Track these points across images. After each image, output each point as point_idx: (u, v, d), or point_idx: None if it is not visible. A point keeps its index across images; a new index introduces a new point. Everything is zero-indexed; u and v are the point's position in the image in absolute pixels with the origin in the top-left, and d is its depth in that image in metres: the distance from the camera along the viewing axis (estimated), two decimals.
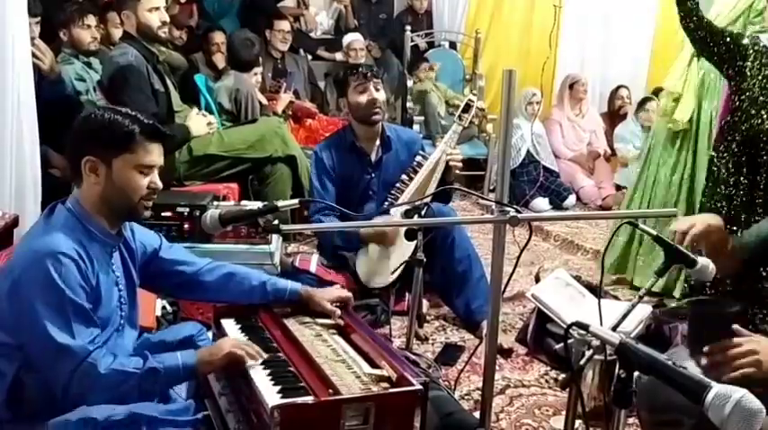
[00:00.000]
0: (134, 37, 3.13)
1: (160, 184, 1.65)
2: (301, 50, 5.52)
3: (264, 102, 3.98)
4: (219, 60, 4.44)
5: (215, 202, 2.73)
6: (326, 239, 2.88)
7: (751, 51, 2.45)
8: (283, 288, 1.90)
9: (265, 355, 1.61)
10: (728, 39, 2.50)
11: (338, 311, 1.85)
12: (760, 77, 2.42)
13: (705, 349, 1.40)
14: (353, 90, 2.83)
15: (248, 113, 3.70)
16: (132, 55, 3.06)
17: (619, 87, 5.80)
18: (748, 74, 2.45)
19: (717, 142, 2.63)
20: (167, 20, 3.20)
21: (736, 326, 1.42)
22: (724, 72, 2.58)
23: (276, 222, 1.63)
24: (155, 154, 1.62)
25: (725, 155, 2.51)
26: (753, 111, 2.44)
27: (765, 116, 2.43)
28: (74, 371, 1.45)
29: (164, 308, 2.38)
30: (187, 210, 2.60)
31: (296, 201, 1.76)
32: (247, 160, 3.39)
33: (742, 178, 2.48)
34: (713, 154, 2.62)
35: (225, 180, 3.33)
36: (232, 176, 3.38)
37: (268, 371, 1.56)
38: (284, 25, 4.89)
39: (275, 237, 2.77)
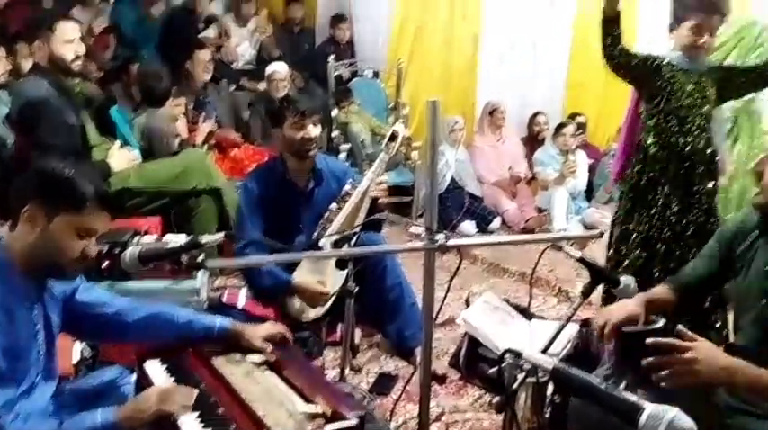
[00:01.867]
0: (46, 69, 3.00)
1: (93, 253, 1.57)
2: (224, 81, 5.45)
3: (184, 135, 3.86)
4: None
5: (136, 238, 2.62)
6: (255, 277, 2.79)
7: (669, 74, 2.66)
8: (211, 325, 1.83)
9: (195, 394, 1.54)
10: (649, 62, 2.67)
11: (270, 347, 1.80)
12: (680, 97, 2.65)
13: (645, 362, 1.41)
14: (290, 125, 2.79)
15: (160, 151, 3.57)
16: (43, 88, 2.93)
17: (537, 113, 6.01)
18: (668, 96, 2.67)
19: (632, 165, 2.78)
20: (82, 52, 3.08)
21: (681, 329, 1.45)
22: (645, 94, 2.76)
23: (202, 257, 1.59)
24: (99, 221, 1.56)
25: (649, 176, 2.67)
26: (677, 131, 2.66)
27: (691, 134, 2.66)
28: None
29: (82, 353, 2.25)
30: (106, 247, 2.48)
31: (221, 235, 1.71)
32: (170, 193, 3.29)
33: (669, 197, 2.64)
34: (628, 176, 2.76)
35: (146, 214, 3.21)
36: (154, 210, 3.26)
37: (197, 414, 1.49)
38: (205, 55, 4.81)
39: (201, 272, 2.68)
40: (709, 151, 2.74)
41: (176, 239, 2.56)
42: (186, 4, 5.47)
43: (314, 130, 2.81)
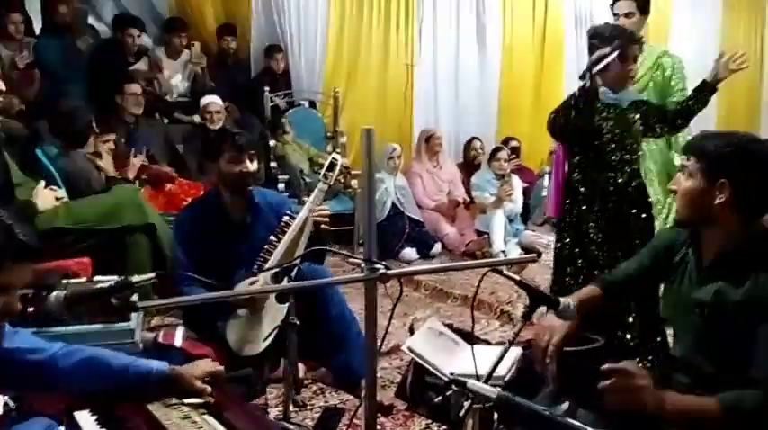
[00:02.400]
0: None
1: (17, 310, 1.43)
2: (156, 114, 5.33)
3: (111, 172, 3.72)
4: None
5: (64, 281, 2.50)
6: (193, 310, 2.71)
7: (602, 112, 2.74)
8: (148, 370, 1.74)
9: None
10: (573, 109, 2.72)
11: (208, 388, 1.73)
12: (604, 133, 2.73)
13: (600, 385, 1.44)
14: (227, 160, 2.73)
15: (85, 192, 3.44)
16: None
17: (472, 139, 6.14)
18: (592, 133, 2.74)
19: (564, 204, 2.87)
20: (4, 89, 2.96)
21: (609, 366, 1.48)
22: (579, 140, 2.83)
23: (135, 298, 1.52)
24: (18, 275, 1.40)
25: (580, 214, 2.75)
26: (603, 166, 2.75)
27: (617, 169, 2.74)
28: None
29: (6, 405, 2.11)
30: (32, 291, 2.35)
31: (152, 275, 1.64)
32: (100, 232, 3.18)
33: (600, 233, 2.72)
34: (563, 216, 2.85)
35: (75, 255, 3.07)
36: (84, 250, 3.13)
37: None
38: (135, 89, 4.72)
39: (135, 313, 2.58)
40: (634, 184, 2.80)
41: (107, 280, 2.45)
42: (115, 38, 5.35)
43: (251, 165, 2.76)
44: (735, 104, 7.55)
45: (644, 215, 2.81)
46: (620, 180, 2.77)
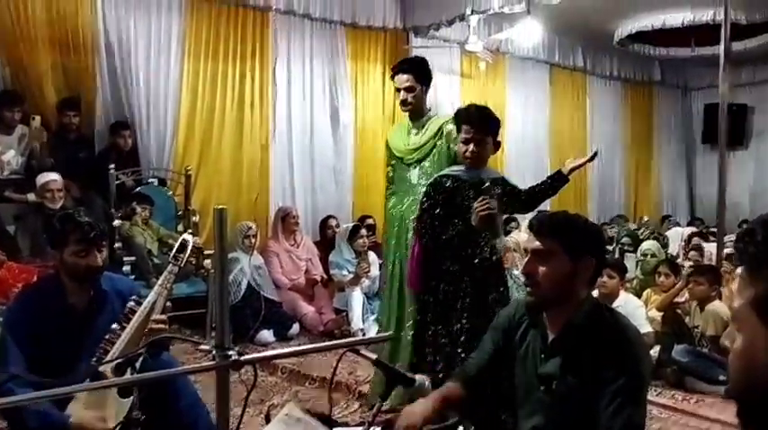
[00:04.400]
0: None
1: None
2: None
3: None
4: None
5: None
6: (22, 420, 2.40)
7: (453, 190, 2.94)
8: None
9: None
10: (441, 202, 2.92)
11: None
12: (459, 207, 2.88)
13: None
14: (73, 251, 2.50)
15: None
16: None
17: (328, 217, 6.20)
18: (455, 209, 2.90)
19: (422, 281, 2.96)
20: None
21: None
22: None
23: None
24: None
25: (434, 293, 2.85)
26: (460, 240, 2.91)
27: (480, 242, 2.92)
28: None
29: None
30: None
31: None
32: None
33: (454, 312, 2.81)
34: (420, 293, 2.94)
35: None
36: None
37: None
38: None
39: None
40: (494, 259, 2.94)
41: None
42: None
43: (100, 257, 2.57)
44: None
45: (501, 289, 2.95)
46: (482, 254, 2.89)
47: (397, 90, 3.51)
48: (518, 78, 8.32)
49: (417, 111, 3.52)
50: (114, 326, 2.51)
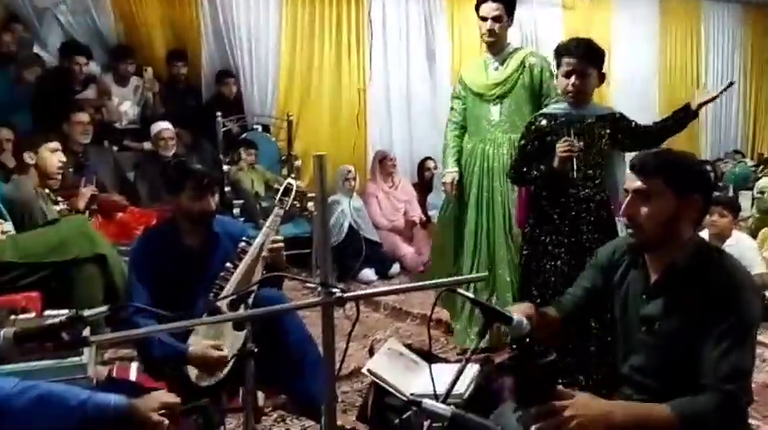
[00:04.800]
0: None
1: None
2: (105, 142, 5.25)
3: (56, 207, 3.63)
4: (8, 159, 4.08)
5: (12, 317, 2.43)
6: (148, 349, 2.65)
7: (550, 130, 2.79)
8: (106, 404, 1.69)
9: None
10: (536, 142, 2.81)
11: (165, 421, 1.70)
12: (558, 145, 2.73)
13: (532, 411, 1.47)
14: (189, 197, 2.68)
15: (26, 222, 3.34)
16: None
17: (425, 159, 6.21)
18: (553, 149, 2.75)
19: (529, 216, 2.88)
20: None
21: (559, 388, 1.51)
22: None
23: (86, 332, 1.49)
24: None
25: (543, 227, 2.77)
26: (564, 181, 2.74)
27: (578, 184, 2.76)
28: None
29: None
30: None
31: (104, 308, 1.61)
32: (49, 265, 3.08)
33: (563, 248, 2.74)
34: (528, 227, 2.87)
35: (23, 289, 2.98)
36: (32, 284, 3.04)
37: None
38: (83, 117, 4.63)
39: (87, 347, 2.52)
40: (598, 199, 2.79)
41: (57, 314, 2.39)
42: (62, 66, 5.26)
43: (213, 202, 2.74)
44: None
45: (607, 229, 2.80)
46: (582, 194, 2.78)
47: (483, 19, 3.38)
48: (625, 9, 7.82)
49: (499, 45, 3.40)
50: (227, 265, 2.69)
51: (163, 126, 5.13)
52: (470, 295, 1.79)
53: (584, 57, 2.73)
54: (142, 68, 5.55)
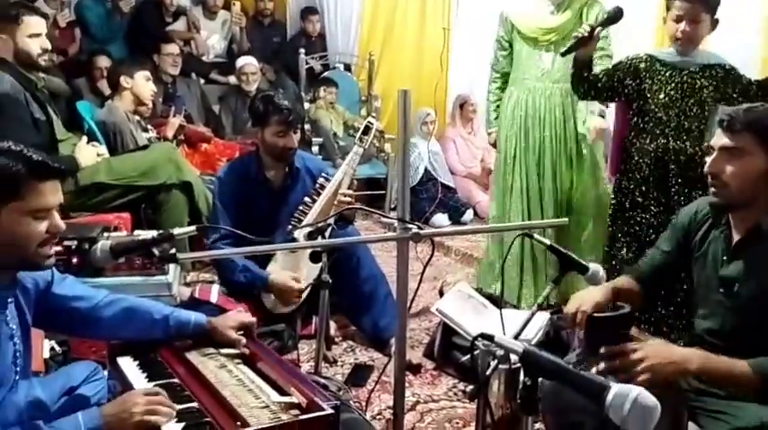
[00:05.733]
0: (8, 63, 2.93)
1: (62, 226, 1.47)
2: (193, 74, 5.39)
3: (146, 134, 3.78)
4: (104, 86, 4.26)
5: (105, 234, 2.59)
6: (229, 273, 2.78)
7: (645, 73, 2.57)
8: (187, 321, 1.81)
9: (177, 408, 1.48)
10: (619, 73, 2.62)
11: (243, 340, 1.80)
12: (661, 96, 2.55)
13: (601, 351, 1.47)
14: (273, 132, 2.75)
15: (119, 146, 3.49)
16: (7, 82, 2.86)
17: None
18: (648, 95, 2.57)
19: (621, 164, 2.74)
20: (49, 47, 3.02)
21: (629, 335, 1.50)
22: (622, 100, 2.71)
23: (173, 251, 1.58)
24: (49, 195, 1.42)
25: (633, 177, 2.63)
26: (657, 131, 2.56)
27: (670, 135, 2.55)
28: None
29: (52, 349, 2.22)
30: (75, 243, 2.45)
31: (193, 228, 1.70)
32: (139, 188, 3.25)
33: (652, 200, 2.60)
34: (619, 176, 2.74)
35: (116, 209, 3.17)
36: (123, 206, 3.21)
37: None
38: (173, 49, 4.77)
39: (173, 267, 2.67)
40: (691, 152, 2.56)
41: (147, 234, 2.53)
42: None
43: (296, 138, 2.80)
44: None
45: (698, 186, 2.54)
46: (672, 145, 2.56)
47: None
48: None
49: None
50: (306, 199, 2.77)
51: (247, 61, 5.21)
52: (546, 241, 1.77)
53: (699, 1, 2.49)
54: (230, 2, 5.61)
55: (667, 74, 2.56)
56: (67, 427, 1.41)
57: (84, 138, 3.28)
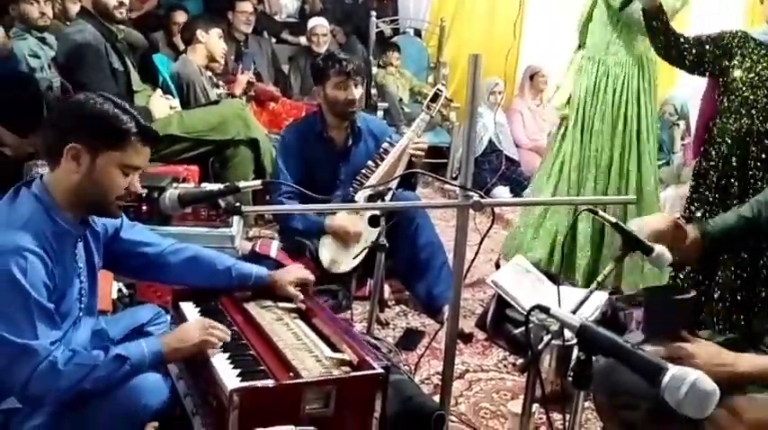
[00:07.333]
0: (92, 14, 3.03)
1: (139, 189, 1.59)
2: (265, 33, 5.44)
3: (216, 90, 3.85)
4: (180, 41, 4.35)
5: (174, 184, 2.67)
6: (289, 220, 2.84)
7: (736, 50, 2.45)
8: (248, 273, 1.87)
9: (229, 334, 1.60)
10: (707, 45, 2.49)
11: (300, 295, 1.84)
12: (751, 75, 2.42)
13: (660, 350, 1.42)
14: (333, 85, 2.78)
15: (191, 100, 3.58)
16: (89, 32, 2.97)
17: None
18: (736, 73, 2.45)
19: (704, 145, 2.62)
20: (126, 0, 3.11)
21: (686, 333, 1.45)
22: (706, 75, 2.59)
23: (238, 204, 1.62)
24: (143, 157, 1.55)
25: (714, 158, 2.52)
26: (743, 111, 2.43)
27: (755, 115, 2.42)
28: (33, 371, 1.39)
29: (120, 291, 2.32)
30: (146, 191, 2.53)
31: (258, 182, 1.73)
32: (209, 142, 3.33)
33: (733, 180, 2.49)
34: (701, 158, 2.62)
35: (185, 162, 3.26)
36: (192, 158, 3.31)
37: (228, 354, 1.54)
38: (247, 7, 4.81)
39: (236, 221, 2.74)
40: None
41: (214, 187, 2.60)
42: None
43: (356, 91, 2.80)
44: None
45: None
46: (758, 127, 2.40)
47: None
48: None
49: None
50: (369, 163, 2.78)
51: (318, 22, 5.22)
52: (611, 218, 1.72)
53: None
54: None
55: (761, 53, 2.43)
56: (133, 350, 1.51)
57: (159, 91, 3.38)
